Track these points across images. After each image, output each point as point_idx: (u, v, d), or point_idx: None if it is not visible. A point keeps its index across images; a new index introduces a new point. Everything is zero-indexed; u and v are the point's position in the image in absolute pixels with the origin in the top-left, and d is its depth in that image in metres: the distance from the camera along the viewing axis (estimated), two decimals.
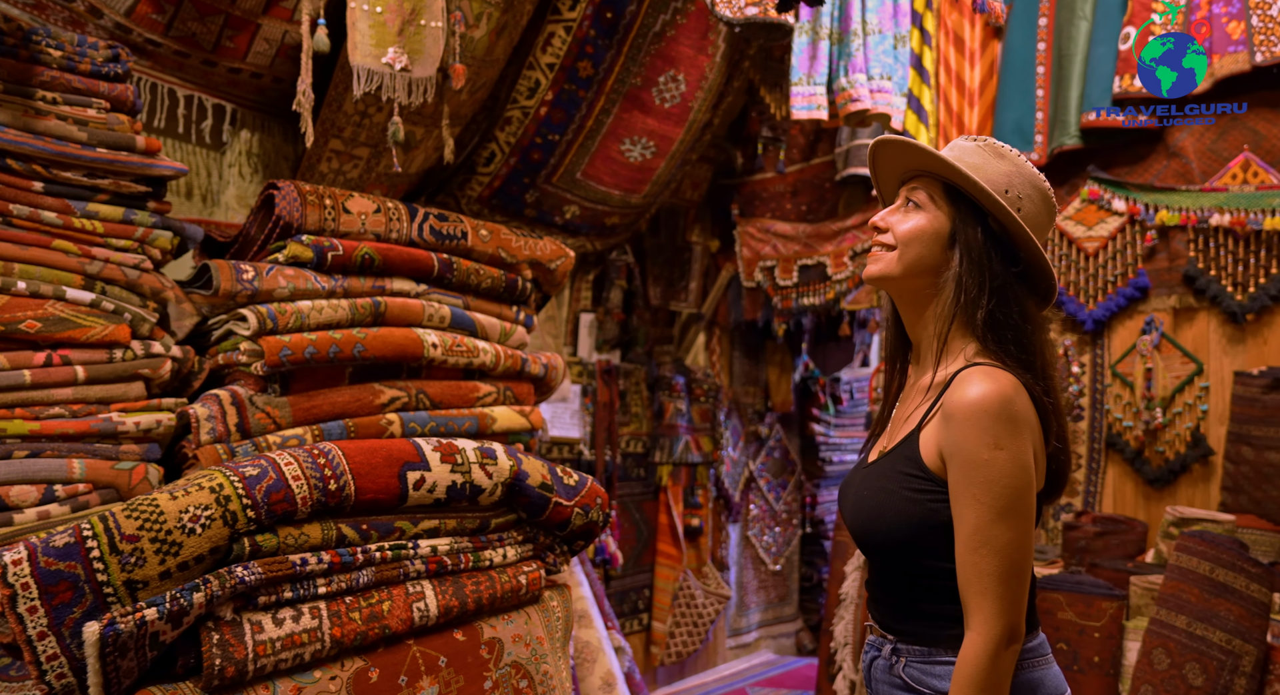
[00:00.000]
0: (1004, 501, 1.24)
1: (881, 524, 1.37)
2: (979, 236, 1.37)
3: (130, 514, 1.43)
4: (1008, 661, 1.25)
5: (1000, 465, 1.24)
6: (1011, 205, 1.36)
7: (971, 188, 1.36)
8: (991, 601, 1.24)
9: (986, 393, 1.26)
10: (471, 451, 1.86)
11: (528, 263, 2.89)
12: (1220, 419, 3.39)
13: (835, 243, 4.44)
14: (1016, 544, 1.25)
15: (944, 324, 1.38)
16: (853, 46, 3.32)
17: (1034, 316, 1.38)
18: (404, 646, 1.68)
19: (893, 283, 1.43)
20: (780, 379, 5.58)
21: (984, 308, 1.34)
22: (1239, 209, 3.32)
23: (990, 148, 1.42)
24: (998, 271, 1.36)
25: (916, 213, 1.41)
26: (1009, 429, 1.25)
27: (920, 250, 1.39)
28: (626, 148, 3.66)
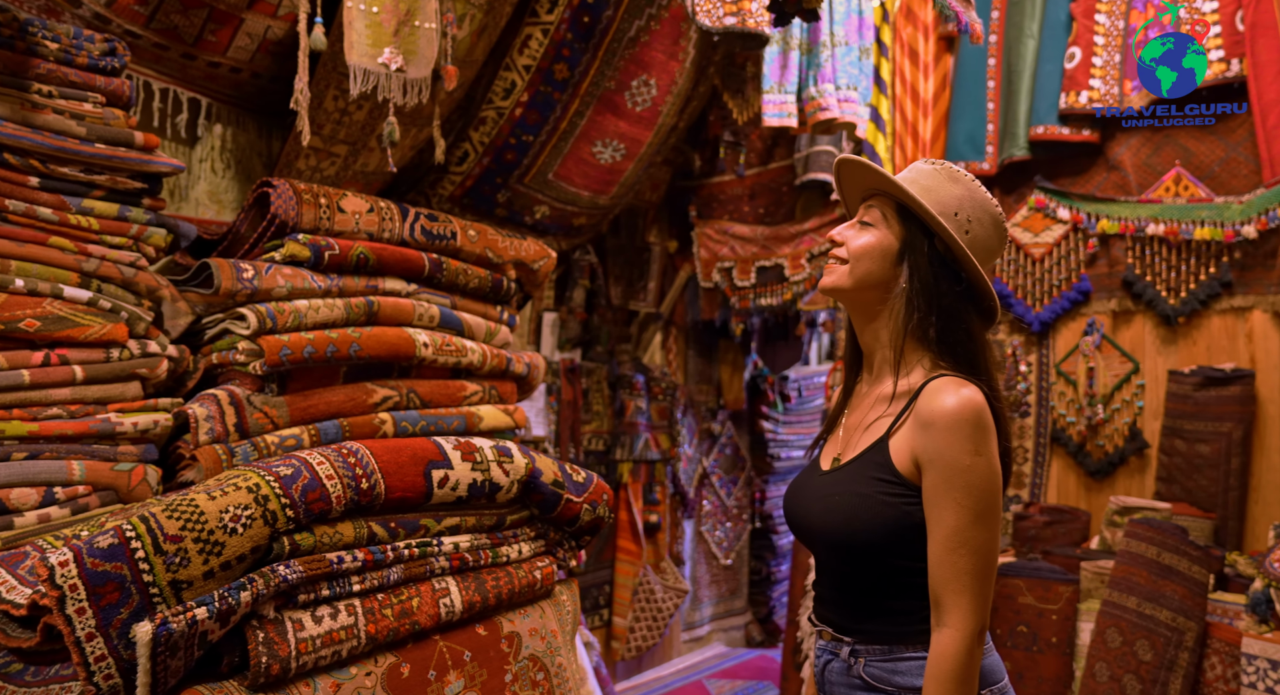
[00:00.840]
0: (983, 505, 1.32)
1: (856, 526, 1.41)
2: (925, 256, 1.44)
3: (171, 514, 1.43)
4: (980, 655, 1.33)
5: (980, 471, 1.32)
6: (960, 228, 1.44)
7: (919, 209, 1.44)
8: (969, 598, 1.31)
9: (964, 403, 1.34)
10: (489, 450, 1.90)
11: (512, 263, 2.93)
12: (1155, 414, 3.63)
13: (793, 245, 4.57)
14: (991, 544, 1.33)
15: (899, 337, 1.46)
16: (822, 57, 3.44)
17: (977, 333, 1.46)
18: (431, 642, 1.72)
19: (844, 294, 1.51)
20: (733, 377, 5.70)
21: (934, 324, 1.43)
22: (1172, 219, 3.56)
23: (946, 172, 1.48)
24: (944, 290, 1.44)
25: (869, 230, 1.48)
26: (984, 436, 1.34)
27: (870, 265, 1.46)
28: (598, 150, 3.72)
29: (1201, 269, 3.53)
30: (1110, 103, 3.68)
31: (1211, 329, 3.55)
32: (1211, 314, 3.55)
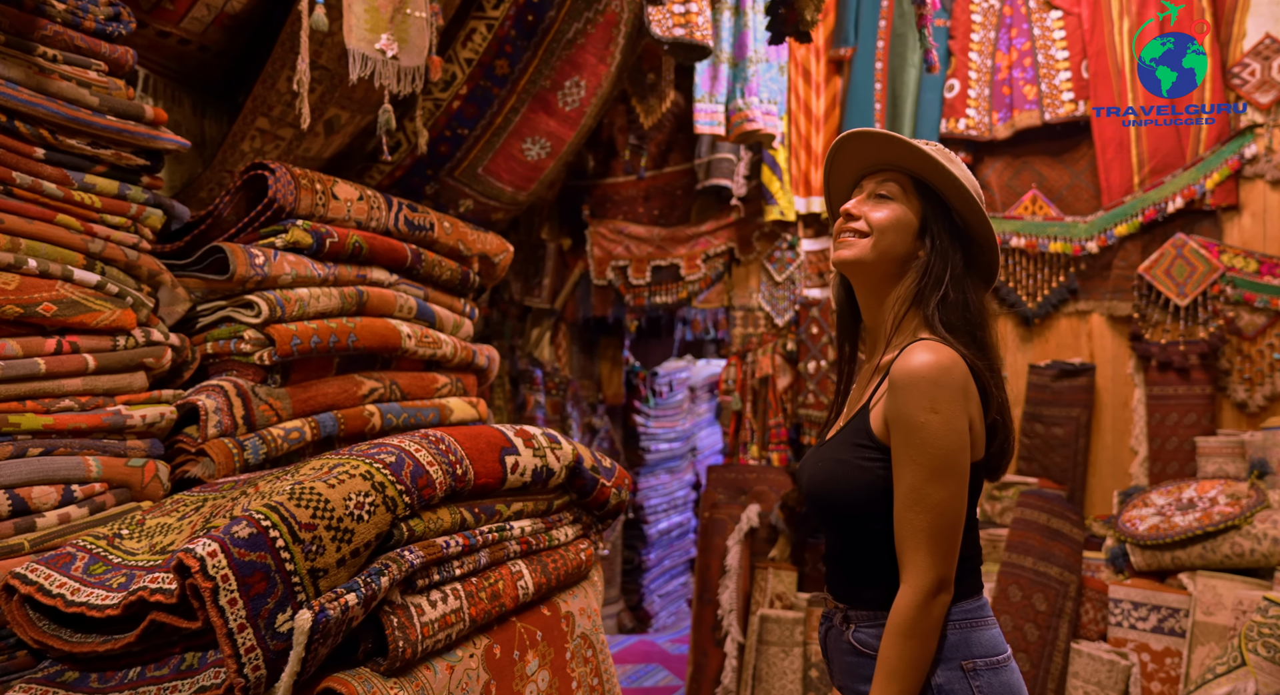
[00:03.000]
0: (937, 462, 1.32)
1: (834, 492, 1.45)
2: (945, 229, 1.47)
3: (299, 502, 1.41)
4: (937, 611, 1.32)
5: (934, 428, 1.32)
6: (975, 196, 1.48)
7: (948, 182, 1.46)
8: (923, 555, 1.32)
9: (925, 361, 1.34)
10: (542, 437, 1.95)
11: (478, 256, 2.95)
12: (1016, 402, 4.18)
13: (689, 246, 4.80)
14: (947, 502, 1.32)
15: (901, 307, 1.47)
16: (748, 71, 3.68)
17: (976, 301, 1.48)
18: (510, 623, 1.76)
19: (863, 267, 1.50)
20: (612, 372, 5.87)
21: (939, 293, 1.44)
22: (1031, 234, 4.12)
23: (942, 153, 1.51)
24: (958, 261, 1.46)
25: (888, 204, 1.49)
26: (944, 395, 1.33)
27: (893, 238, 1.47)
28: (527, 146, 3.77)
29: (1054, 278, 4.11)
30: (982, 131, 4.19)
31: (1061, 329, 4.14)
32: (1061, 316, 4.14)
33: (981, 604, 1.44)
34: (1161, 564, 3.19)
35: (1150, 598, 3.12)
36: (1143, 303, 3.90)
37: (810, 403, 4.48)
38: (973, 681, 1.34)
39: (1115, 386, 4.00)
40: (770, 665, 3.50)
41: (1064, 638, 3.10)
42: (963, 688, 1.34)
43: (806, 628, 3.50)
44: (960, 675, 1.35)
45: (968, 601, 1.41)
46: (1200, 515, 3.16)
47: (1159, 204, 3.88)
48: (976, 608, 1.42)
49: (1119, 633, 3.15)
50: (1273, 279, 3.77)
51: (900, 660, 1.32)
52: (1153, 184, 3.90)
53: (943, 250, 1.47)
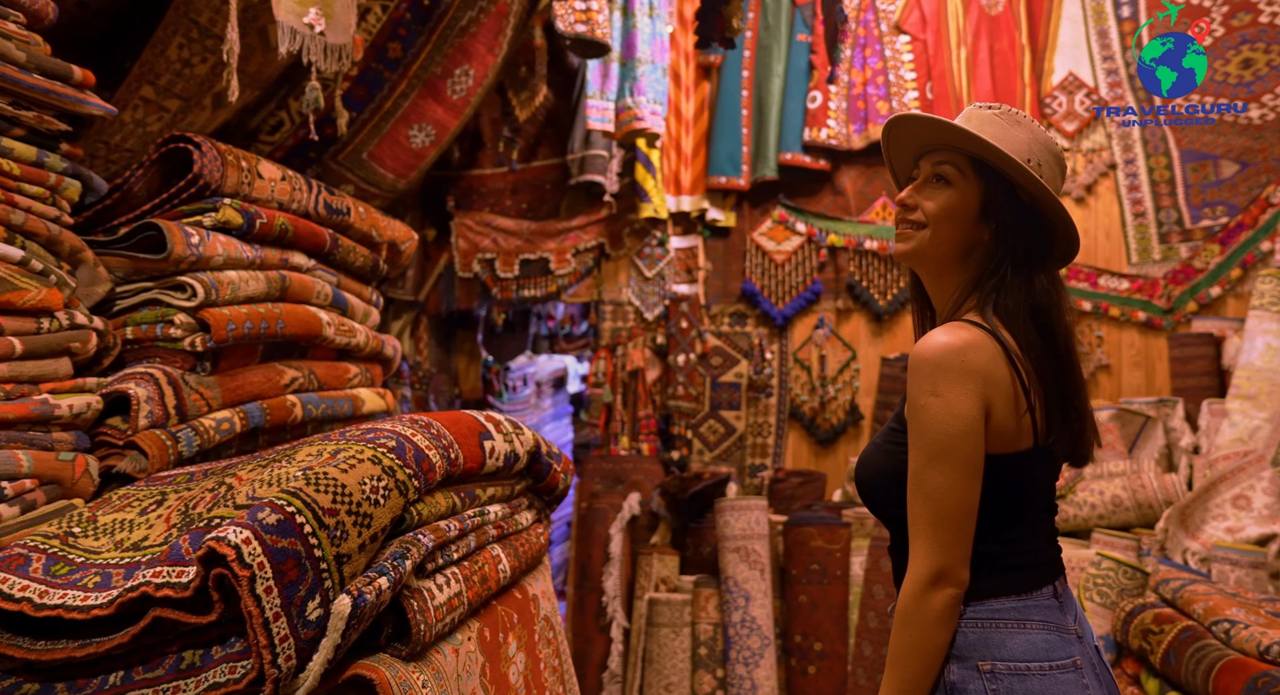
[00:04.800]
0: (936, 447, 1.25)
1: (864, 476, 1.43)
2: (1010, 208, 1.37)
3: (317, 488, 1.37)
4: (939, 602, 1.25)
5: (934, 411, 1.26)
6: (1034, 173, 1.36)
7: (1002, 162, 1.35)
8: (921, 543, 1.26)
9: (934, 343, 1.29)
10: (507, 423, 1.96)
11: (387, 243, 2.89)
12: (868, 392, 4.55)
13: (558, 240, 4.84)
14: (946, 489, 1.25)
15: (962, 293, 1.39)
16: (638, 71, 3.78)
17: (1055, 279, 1.39)
18: (492, 607, 1.76)
19: (922, 258, 1.42)
20: (469, 367, 5.79)
21: (997, 277, 1.35)
22: (883, 238, 4.50)
23: (1007, 115, 1.39)
24: (1022, 241, 1.36)
25: (945, 189, 1.39)
26: (949, 378, 1.26)
27: (952, 226, 1.38)
28: (413, 133, 3.69)
29: (902, 278, 4.51)
30: (841, 141, 4.52)
31: (908, 325, 4.55)
32: (907, 313, 4.55)
33: (1022, 606, 1.30)
34: None
35: None
36: None
37: (680, 394, 4.66)
38: (989, 684, 1.26)
39: None
40: (661, 646, 3.63)
41: None
42: (977, 688, 1.27)
43: (694, 609, 3.65)
44: (975, 675, 1.27)
45: (999, 600, 1.30)
46: None
47: None
48: (1010, 609, 1.30)
49: None
50: (1077, 282, 4.33)
51: (899, 647, 1.29)
52: None
53: (1006, 232, 1.36)
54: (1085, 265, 4.30)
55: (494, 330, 6.07)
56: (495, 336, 6.18)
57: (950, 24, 4.43)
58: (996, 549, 1.32)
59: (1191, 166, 4.20)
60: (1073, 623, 1.33)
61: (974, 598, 1.30)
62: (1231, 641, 2.28)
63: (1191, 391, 3.89)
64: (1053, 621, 1.30)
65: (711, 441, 4.69)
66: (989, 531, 1.31)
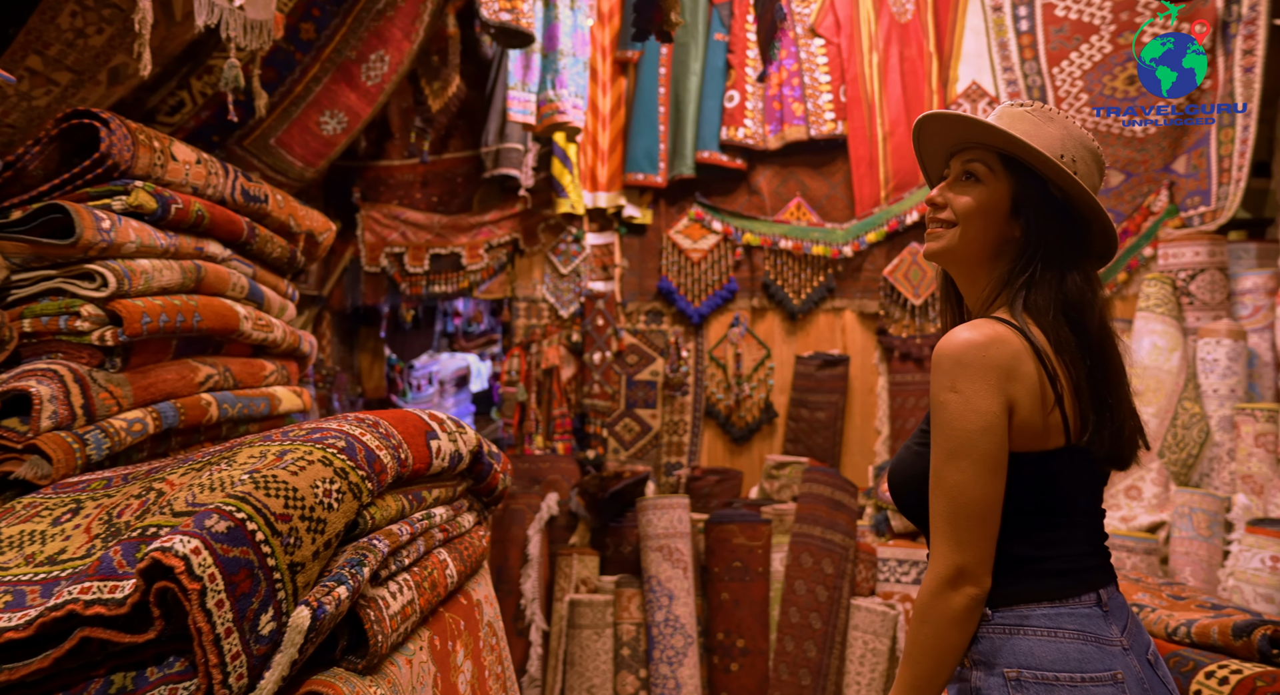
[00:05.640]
0: (953, 443, 1.24)
1: (898, 482, 1.39)
2: (1040, 204, 1.34)
3: (268, 492, 1.27)
4: (958, 603, 1.22)
5: (952, 407, 1.24)
6: (1068, 168, 1.33)
7: (1032, 157, 1.33)
8: (940, 541, 1.24)
9: (956, 339, 1.26)
10: (450, 422, 1.88)
11: (305, 234, 2.75)
12: (782, 390, 4.61)
13: (471, 235, 4.72)
14: (964, 487, 1.23)
15: (992, 291, 1.37)
16: (560, 64, 3.71)
17: (1090, 276, 1.36)
18: (440, 614, 1.68)
19: (953, 257, 1.40)
20: (373, 365, 5.58)
21: (1027, 274, 1.33)
22: (797, 238, 4.57)
23: (1040, 112, 1.37)
24: (1055, 238, 1.34)
25: (975, 186, 1.37)
26: (969, 373, 1.24)
27: (982, 224, 1.36)
28: (324, 120, 3.52)
29: (815, 277, 4.60)
30: (757, 140, 4.57)
31: (820, 323, 4.64)
32: (820, 312, 4.64)
33: (1055, 614, 1.26)
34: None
35: (911, 555, 3.63)
36: (887, 301, 4.50)
37: (595, 393, 4.61)
38: (1015, 693, 1.23)
39: (864, 375, 4.57)
40: (583, 648, 3.58)
41: (846, 596, 3.51)
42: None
43: (617, 609, 3.61)
44: (1001, 682, 1.24)
45: (1029, 607, 1.26)
46: None
47: (900, 216, 4.49)
48: (1041, 616, 1.26)
49: (887, 587, 3.63)
50: None
51: (913, 644, 1.27)
52: (895, 199, 4.51)
53: (1038, 229, 1.34)
54: None
55: (399, 327, 5.88)
56: (400, 333, 5.98)
57: (863, 30, 4.54)
58: (1027, 551, 1.28)
59: None
60: (1118, 634, 1.27)
61: (1002, 602, 1.27)
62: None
63: None
64: (1091, 631, 1.25)
65: (627, 440, 4.67)
66: (1018, 533, 1.28)
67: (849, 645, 3.51)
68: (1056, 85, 4.45)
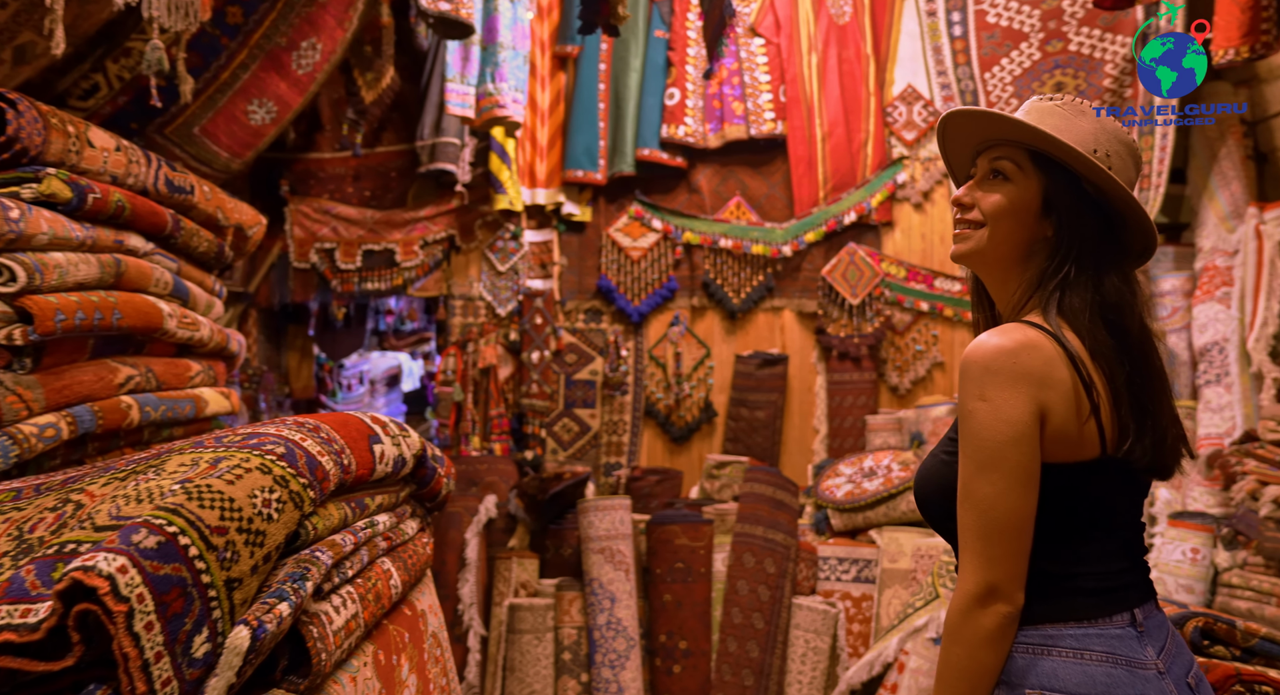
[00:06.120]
0: (983, 454, 1.19)
1: (924, 492, 1.35)
2: (1074, 202, 1.29)
3: (202, 502, 1.19)
4: (989, 621, 1.17)
5: (980, 417, 1.19)
6: (1102, 164, 1.28)
7: (1063, 153, 1.28)
8: (969, 556, 1.19)
9: (985, 345, 1.21)
10: (393, 425, 1.80)
11: (234, 227, 2.62)
12: (722, 389, 4.61)
13: (405, 231, 4.59)
14: (994, 500, 1.18)
15: (1024, 293, 1.31)
16: (500, 57, 3.62)
17: (1129, 277, 1.31)
18: (384, 626, 1.61)
19: (981, 259, 1.34)
20: (301, 364, 5.40)
21: (1060, 275, 1.28)
22: (736, 237, 4.57)
23: (1071, 106, 1.32)
24: (1089, 237, 1.29)
25: (1004, 185, 1.32)
26: (999, 381, 1.18)
27: (1011, 224, 1.31)
28: (252, 109, 3.37)
29: (755, 277, 4.60)
30: (698, 139, 4.55)
31: (759, 323, 4.65)
32: (760, 311, 4.65)
33: (1083, 635, 1.20)
34: (855, 524, 3.75)
35: (851, 553, 3.66)
36: (825, 301, 4.53)
37: (534, 392, 4.54)
38: None
39: (802, 374, 4.60)
40: (523, 653, 3.51)
41: (788, 594, 3.52)
42: None
43: (557, 613, 3.55)
44: None
45: (1055, 626, 1.21)
46: (883, 480, 3.77)
47: (839, 216, 4.53)
48: (1068, 636, 1.20)
49: (827, 585, 3.65)
50: (916, 284, 4.59)
51: (945, 667, 1.22)
52: (833, 199, 4.55)
53: (1071, 227, 1.29)
54: (923, 268, 4.56)
55: (329, 325, 5.70)
56: (329, 332, 5.80)
57: (802, 30, 4.56)
58: (1056, 567, 1.22)
59: None
60: (1153, 656, 1.20)
61: (1028, 621, 1.21)
62: None
63: None
64: (1122, 654, 1.19)
65: (566, 440, 4.60)
66: (1049, 548, 1.21)
67: (791, 644, 3.52)
68: (988, 90, 4.55)
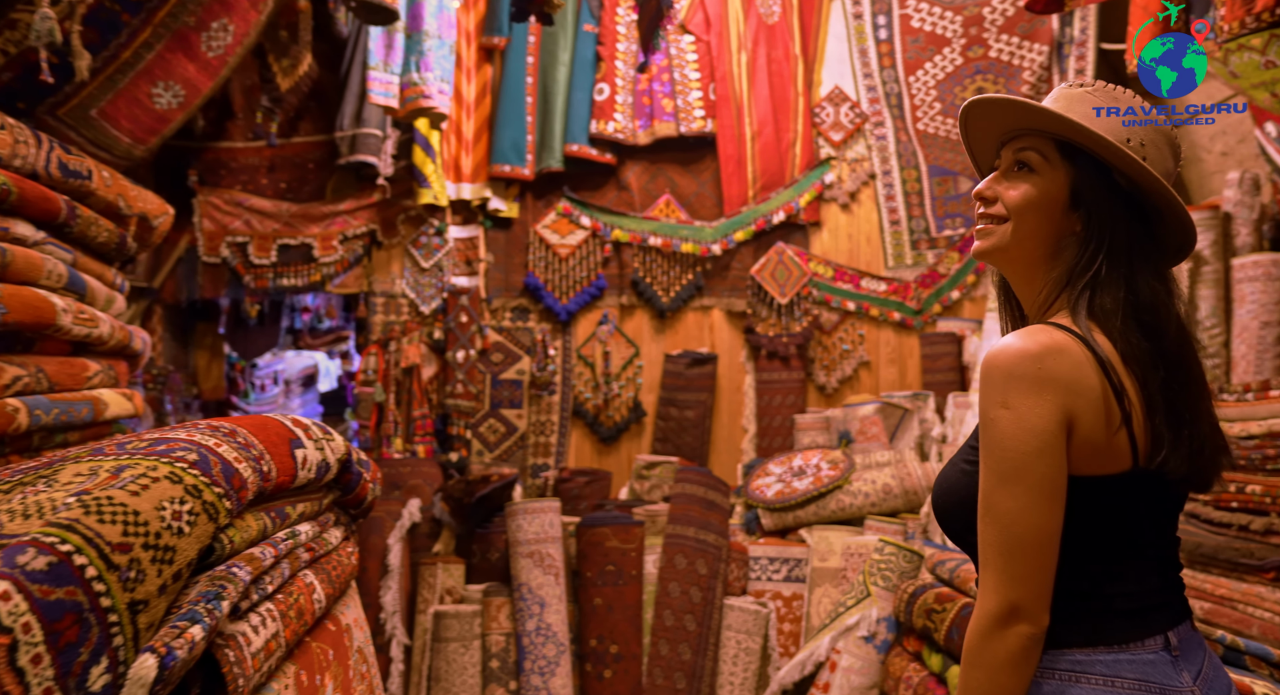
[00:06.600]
0: (1005, 466, 1.11)
1: (943, 503, 1.28)
2: (1104, 194, 1.21)
3: (102, 517, 1.07)
4: (1011, 643, 1.10)
5: (1003, 426, 1.12)
6: (1135, 154, 1.20)
7: (1092, 142, 1.20)
8: (990, 574, 1.12)
9: (1008, 349, 1.13)
10: (316, 428, 1.69)
11: (138, 217, 2.46)
12: (651, 389, 4.56)
13: (323, 225, 4.41)
14: (1017, 515, 1.10)
15: (1051, 292, 1.24)
16: (425, 45, 3.48)
17: (1165, 275, 1.23)
18: (307, 644, 1.50)
19: (1005, 256, 1.27)
20: (210, 364, 5.15)
21: (1090, 273, 1.20)
22: (666, 235, 4.53)
23: (1102, 92, 1.25)
24: (1120, 232, 1.20)
25: (1029, 177, 1.24)
26: (1022, 387, 1.11)
27: (1037, 218, 1.23)
28: (158, 92, 3.18)
29: (684, 275, 4.57)
30: (627, 135, 4.49)
31: (689, 322, 4.62)
32: (689, 310, 4.62)
33: (1114, 661, 1.13)
34: (785, 523, 3.75)
35: (781, 553, 3.65)
36: (754, 300, 4.53)
37: (458, 393, 4.41)
38: None
39: (731, 373, 4.59)
40: (449, 662, 3.39)
41: (720, 596, 3.49)
42: None
43: (485, 619, 3.45)
44: None
45: (1084, 651, 1.13)
46: (813, 479, 3.78)
47: (768, 216, 4.53)
48: (1097, 662, 1.13)
49: (758, 585, 3.63)
50: (843, 284, 4.63)
51: (965, 691, 1.15)
52: (763, 198, 4.55)
53: (1101, 221, 1.21)
54: (850, 268, 4.60)
55: (241, 323, 5.45)
56: (242, 330, 5.54)
57: (732, 29, 4.55)
58: (1084, 587, 1.15)
59: (936, 180, 4.62)
60: (1189, 682, 1.13)
61: (1054, 644, 1.13)
62: None
63: (939, 385, 4.27)
64: (1155, 680, 1.11)
65: (492, 442, 4.49)
66: (1076, 566, 1.14)
67: (723, 646, 3.49)
68: (913, 93, 4.62)
